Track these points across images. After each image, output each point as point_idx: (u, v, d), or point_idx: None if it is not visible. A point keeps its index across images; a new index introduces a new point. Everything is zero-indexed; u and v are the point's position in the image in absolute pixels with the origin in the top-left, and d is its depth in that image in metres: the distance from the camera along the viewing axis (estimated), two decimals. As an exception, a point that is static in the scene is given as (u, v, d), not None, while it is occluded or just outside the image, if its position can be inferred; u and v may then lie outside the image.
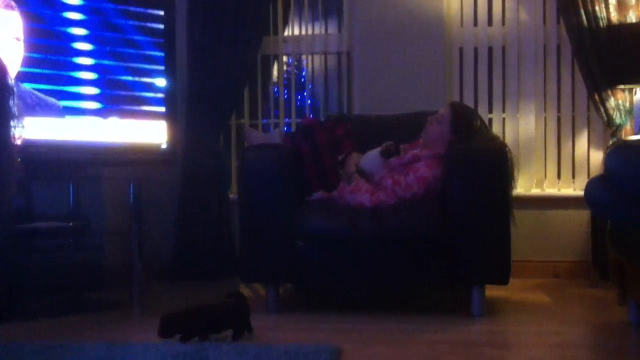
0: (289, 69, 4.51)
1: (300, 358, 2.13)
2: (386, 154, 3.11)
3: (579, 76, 3.86)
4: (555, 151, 4.01)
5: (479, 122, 3.19)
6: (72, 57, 3.06)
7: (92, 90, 3.11)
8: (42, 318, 2.95)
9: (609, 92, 3.67)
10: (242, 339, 2.45)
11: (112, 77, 3.17)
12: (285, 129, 4.26)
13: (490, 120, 4.04)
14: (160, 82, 3.31)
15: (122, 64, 3.19)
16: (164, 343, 2.35)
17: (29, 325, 2.81)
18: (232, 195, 4.14)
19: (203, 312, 2.47)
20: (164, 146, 3.29)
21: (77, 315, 3.01)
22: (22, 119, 2.10)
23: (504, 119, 4.04)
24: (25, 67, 2.91)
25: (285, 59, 4.43)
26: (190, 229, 4.04)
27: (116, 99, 3.18)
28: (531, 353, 2.30)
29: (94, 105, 3.11)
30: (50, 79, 3.00)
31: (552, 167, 4.01)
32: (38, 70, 2.97)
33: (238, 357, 2.16)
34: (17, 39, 2.87)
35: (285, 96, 4.36)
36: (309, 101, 4.44)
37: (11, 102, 2.05)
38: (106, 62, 3.15)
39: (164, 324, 2.36)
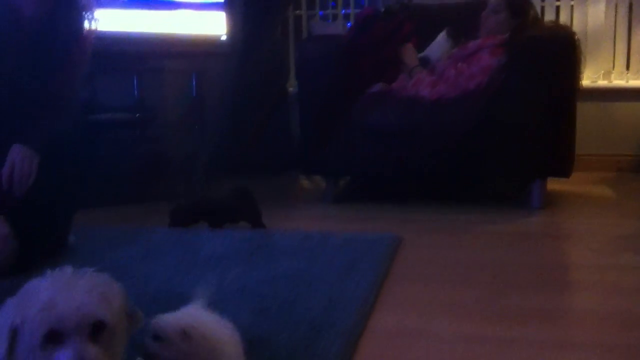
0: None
1: (362, 245, 2.19)
2: (453, 34, 3.05)
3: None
4: (625, 40, 3.84)
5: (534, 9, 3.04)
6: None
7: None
8: (109, 206, 3.08)
9: (688, -25, 3.45)
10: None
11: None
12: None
13: (558, 7, 3.87)
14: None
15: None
16: (231, 230, 2.46)
17: (99, 212, 2.93)
18: (290, 88, 4.14)
19: (209, 204, 2.57)
20: (223, 38, 3.28)
21: (142, 204, 3.13)
22: (94, 10, 2.11)
23: (572, 6, 3.85)
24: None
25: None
26: (248, 121, 4.09)
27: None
28: (591, 244, 2.30)
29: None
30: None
31: (620, 57, 3.85)
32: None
33: (303, 242, 2.24)
34: None
35: (343, -14, 4.24)
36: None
37: None
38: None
39: (172, 215, 2.50)
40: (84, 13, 2.08)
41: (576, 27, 3.78)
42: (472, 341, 1.47)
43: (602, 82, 3.86)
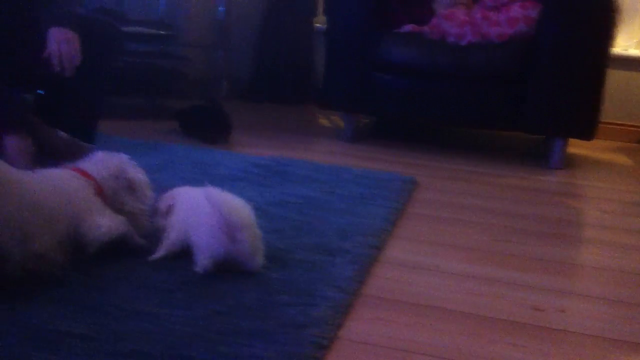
0: None
1: (374, 182, 2.19)
2: None
3: None
4: (663, 10, 3.75)
5: None
6: None
7: None
8: (128, 119, 3.07)
9: None
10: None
11: None
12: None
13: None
14: None
15: None
16: (246, 154, 2.45)
17: (118, 123, 2.93)
18: (317, 24, 4.08)
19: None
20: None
21: (160, 120, 3.12)
22: None
23: (613, -31, 3.75)
24: None
25: None
26: (272, 52, 4.04)
27: None
28: (604, 206, 2.29)
29: None
30: None
31: (656, 27, 3.77)
32: None
33: (316, 172, 2.23)
34: None
35: None
36: None
37: None
38: None
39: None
40: None
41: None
42: (479, 280, 1.48)
43: (633, 51, 3.78)
